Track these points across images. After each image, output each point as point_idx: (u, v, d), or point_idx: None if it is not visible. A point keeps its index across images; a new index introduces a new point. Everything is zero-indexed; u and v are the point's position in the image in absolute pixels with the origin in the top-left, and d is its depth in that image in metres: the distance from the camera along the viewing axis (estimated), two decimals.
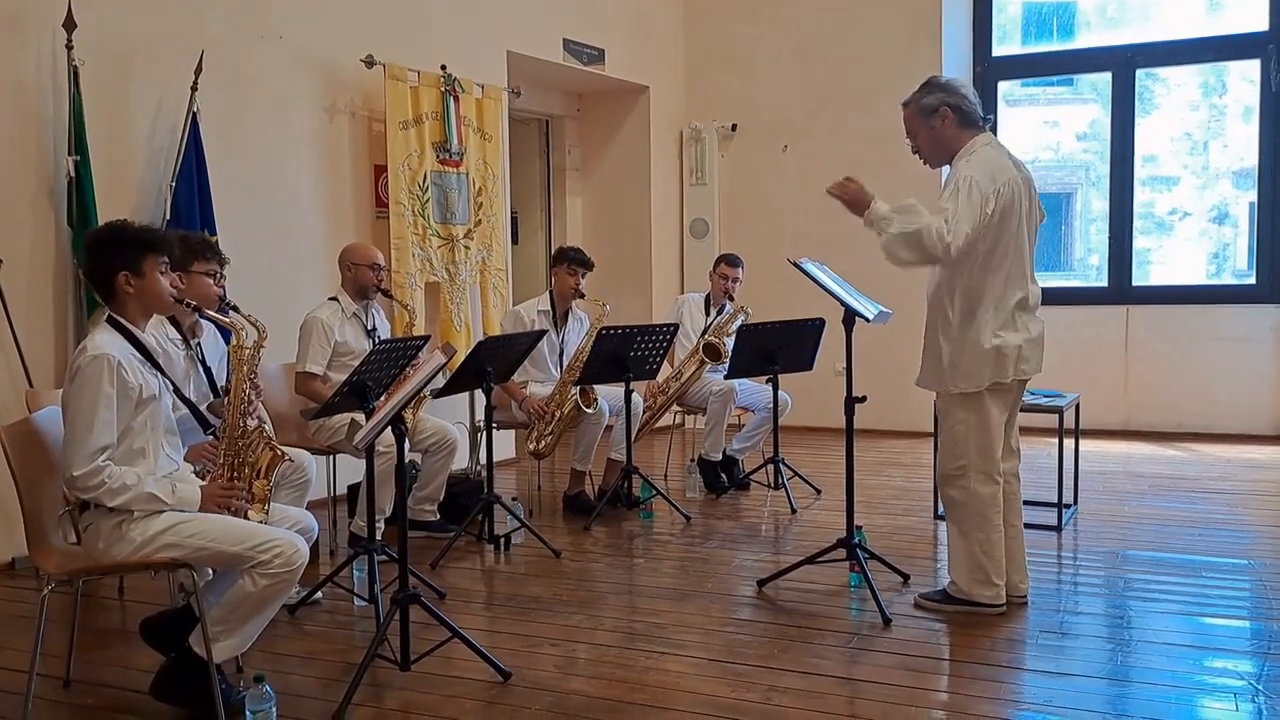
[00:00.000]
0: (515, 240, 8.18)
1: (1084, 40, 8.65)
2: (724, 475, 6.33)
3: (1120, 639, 3.82)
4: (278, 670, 3.54)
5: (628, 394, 5.62)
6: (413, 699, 3.33)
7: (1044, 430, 5.43)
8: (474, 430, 6.54)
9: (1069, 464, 5.45)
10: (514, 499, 5.38)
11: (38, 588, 3.18)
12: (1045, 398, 5.31)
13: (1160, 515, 5.63)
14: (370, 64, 6.14)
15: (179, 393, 3.36)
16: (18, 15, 4.76)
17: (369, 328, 5.12)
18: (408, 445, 4.51)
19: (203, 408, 3.59)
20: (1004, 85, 8.68)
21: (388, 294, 5.33)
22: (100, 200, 4.86)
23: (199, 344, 4.04)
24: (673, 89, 8.92)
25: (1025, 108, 9.28)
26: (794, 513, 5.76)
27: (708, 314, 6.59)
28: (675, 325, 6.03)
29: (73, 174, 4.78)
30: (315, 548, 3.98)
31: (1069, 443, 5.40)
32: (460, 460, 5.59)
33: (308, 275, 5.88)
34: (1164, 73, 8.62)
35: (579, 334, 5.96)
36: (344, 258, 5.16)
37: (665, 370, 6.15)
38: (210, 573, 3.30)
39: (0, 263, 4.69)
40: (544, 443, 5.67)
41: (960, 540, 4.02)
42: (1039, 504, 5.31)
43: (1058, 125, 9.49)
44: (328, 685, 3.43)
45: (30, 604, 4.21)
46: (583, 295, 5.93)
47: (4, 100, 4.74)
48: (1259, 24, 7.90)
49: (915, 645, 3.74)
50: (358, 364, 4.26)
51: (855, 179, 3.97)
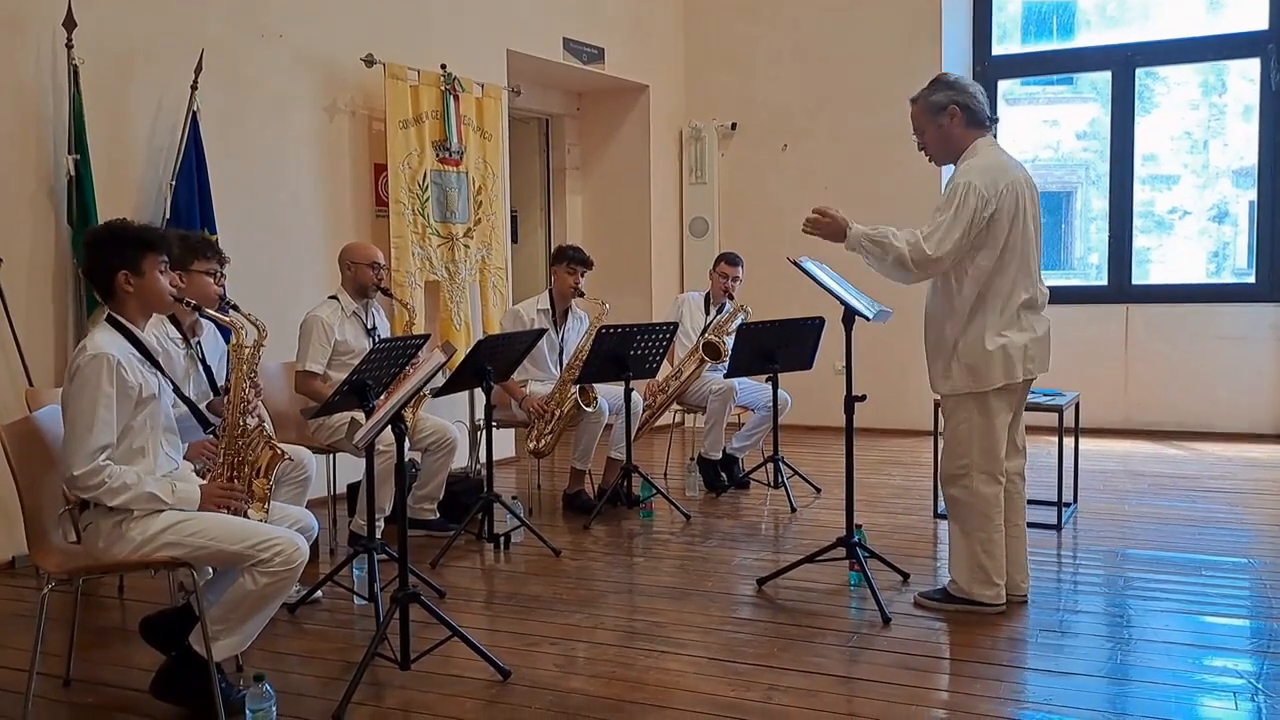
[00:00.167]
0: (515, 239, 8.18)
1: (1084, 39, 8.65)
2: (724, 474, 6.33)
3: (1120, 638, 3.82)
4: (278, 669, 3.54)
5: (627, 393, 5.62)
6: (412, 698, 3.33)
7: (1044, 429, 5.43)
8: (474, 429, 6.54)
9: (1069, 463, 5.45)
10: (514, 498, 5.37)
11: (38, 586, 3.18)
12: (1045, 396, 5.31)
13: (1160, 514, 5.63)
14: (370, 63, 6.14)
15: (178, 392, 3.37)
16: (18, 14, 4.76)
17: (369, 326, 5.12)
18: (407, 444, 4.51)
19: (202, 406, 3.59)
20: (1004, 84, 8.68)
21: (387, 293, 5.34)
22: (100, 199, 4.86)
23: (199, 343, 4.04)
24: (672, 88, 8.92)
25: (1025, 106, 9.27)
26: (794, 511, 5.76)
27: (707, 313, 6.59)
28: (675, 324, 6.04)
29: (73, 173, 4.79)
30: (315, 546, 3.98)
31: (1069, 441, 5.41)
32: (460, 459, 5.59)
33: (308, 274, 5.88)
34: (1164, 72, 8.62)
35: (578, 333, 5.96)
36: (344, 256, 5.16)
37: (665, 369, 6.15)
38: (210, 571, 3.30)
39: (0, 261, 4.70)
40: (544, 441, 5.67)
41: (962, 539, 4.02)
42: (1039, 503, 5.30)
43: (1058, 124, 9.48)
44: (327, 684, 3.43)
45: (30, 603, 4.22)
46: (582, 294, 5.93)
47: (4, 99, 4.74)
48: (1259, 23, 7.90)
49: (915, 644, 3.74)
50: (358, 363, 4.26)
51: (823, 209, 3.93)
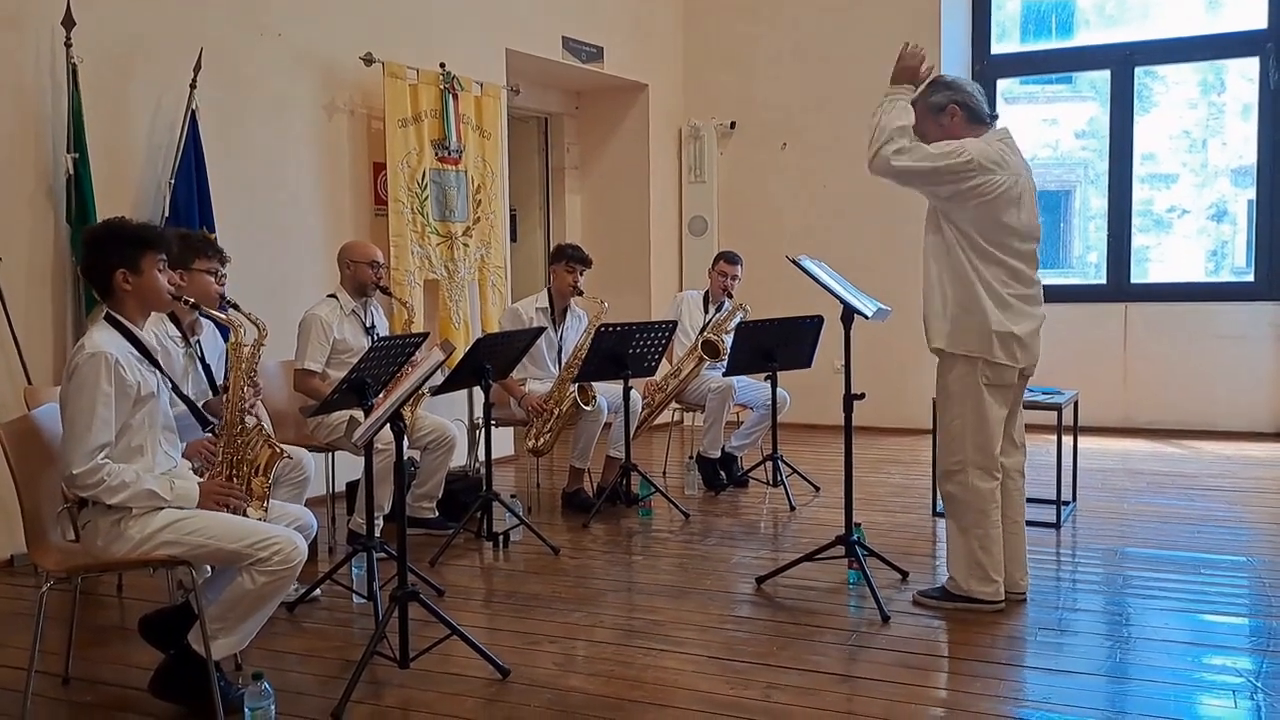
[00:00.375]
0: (514, 238, 8.18)
1: (1083, 38, 8.65)
2: (723, 472, 6.33)
3: (1119, 636, 3.82)
4: (276, 668, 3.54)
5: (626, 391, 5.62)
6: (412, 696, 3.33)
7: (1043, 427, 5.43)
8: (472, 427, 6.54)
9: (1068, 461, 5.45)
10: (513, 496, 5.37)
11: (36, 585, 3.18)
12: (1044, 395, 5.31)
13: (1159, 512, 5.64)
14: (369, 62, 6.14)
15: (177, 390, 3.36)
16: (17, 13, 4.75)
17: (368, 325, 5.12)
18: (406, 442, 4.51)
19: (202, 404, 3.59)
20: (1003, 83, 8.68)
21: (386, 291, 5.34)
22: (99, 198, 4.86)
23: (198, 341, 4.04)
24: (672, 87, 8.91)
25: (1024, 105, 9.27)
26: (793, 510, 5.76)
27: (706, 311, 6.59)
28: (674, 322, 6.04)
29: (72, 172, 4.78)
30: (314, 545, 3.98)
31: (1068, 440, 5.41)
32: (459, 457, 5.60)
33: (307, 273, 5.88)
34: (1163, 70, 8.62)
35: (577, 331, 5.96)
36: (343, 255, 5.16)
37: (664, 367, 6.15)
38: (209, 570, 3.30)
39: None
40: (543, 440, 5.67)
41: (959, 536, 4.02)
42: (1038, 501, 5.29)
43: (1057, 123, 9.49)
44: (326, 683, 3.43)
45: (29, 601, 4.21)
46: (581, 293, 5.93)
47: (3, 98, 4.74)
48: (1258, 22, 7.90)
49: (914, 642, 3.74)
50: (356, 361, 4.26)
51: (924, 61, 3.99)
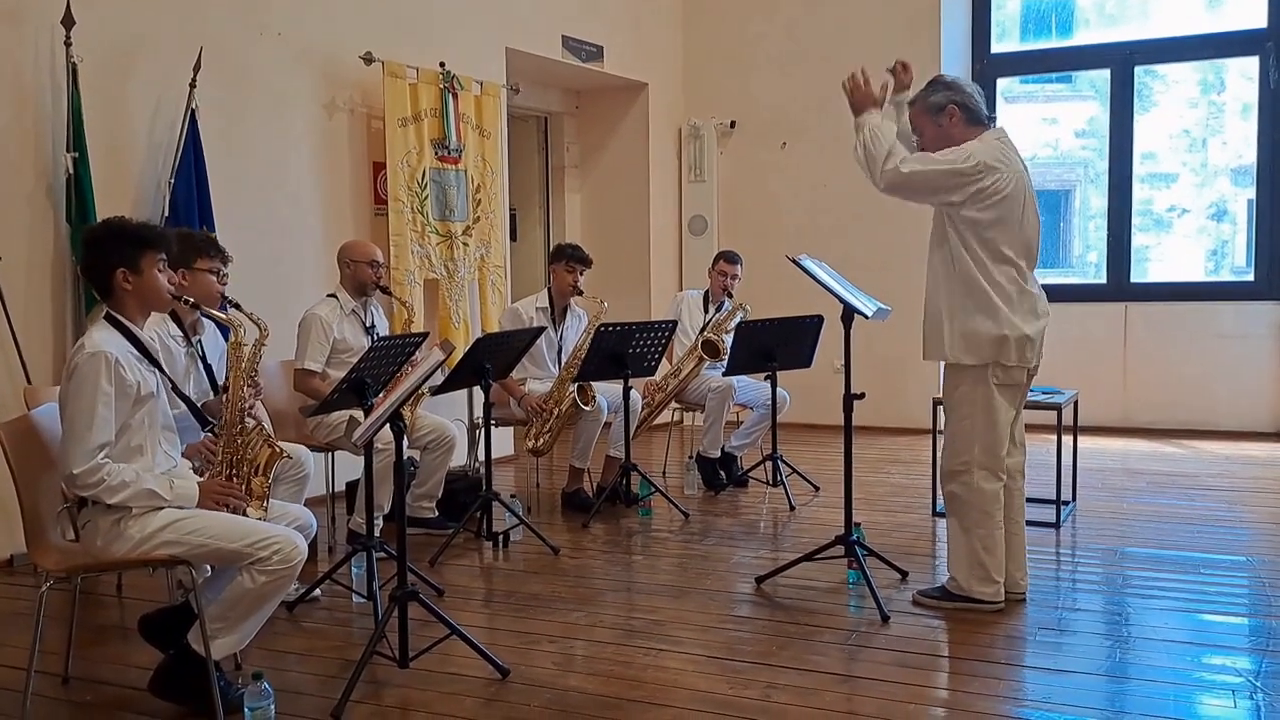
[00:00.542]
0: (514, 237, 8.17)
1: (1082, 37, 8.65)
2: (723, 472, 6.33)
3: (1119, 636, 3.83)
4: (276, 667, 3.54)
5: (626, 391, 5.62)
6: (411, 696, 3.33)
7: (1043, 427, 5.43)
8: (472, 427, 6.54)
9: (1067, 461, 5.45)
10: (512, 496, 5.37)
11: (36, 585, 3.18)
12: (1044, 394, 5.31)
13: (1159, 512, 5.64)
14: (369, 61, 6.14)
15: (177, 390, 3.36)
16: (16, 11, 4.75)
17: (367, 325, 5.12)
18: (406, 442, 4.51)
19: (201, 404, 3.59)
20: (1002, 82, 8.68)
21: (386, 291, 5.34)
22: (99, 197, 4.85)
23: (199, 341, 4.04)
24: (672, 86, 8.91)
25: (1024, 105, 9.27)
26: (792, 510, 5.76)
27: (706, 311, 6.58)
28: (674, 322, 6.04)
29: (71, 171, 4.78)
30: (314, 545, 3.98)
31: (1068, 439, 5.40)
32: (459, 457, 5.59)
33: (306, 272, 5.87)
34: (1163, 70, 8.62)
35: (577, 331, 5.96)
36: (342, 254, 5.16)
37: (664, 367, 6.15)
38: (209, 570, 3.30)
39: None
40: (542, 440, 5.67)
41: (961, 536, 4.02)
42: (1037, 501, 5.29)
43: (1056, 122, 9.49)
44: (326, 682, 3.43)
45: (29, 601, 4.21)
46: (581, 292, 5.92)
47: (2, 97, 4.73)
48: (1257, 21, 7.90)
49: (914, 642, 3.74)
50: (356, 361, 4.26)
51: (870, 85, 4.07)
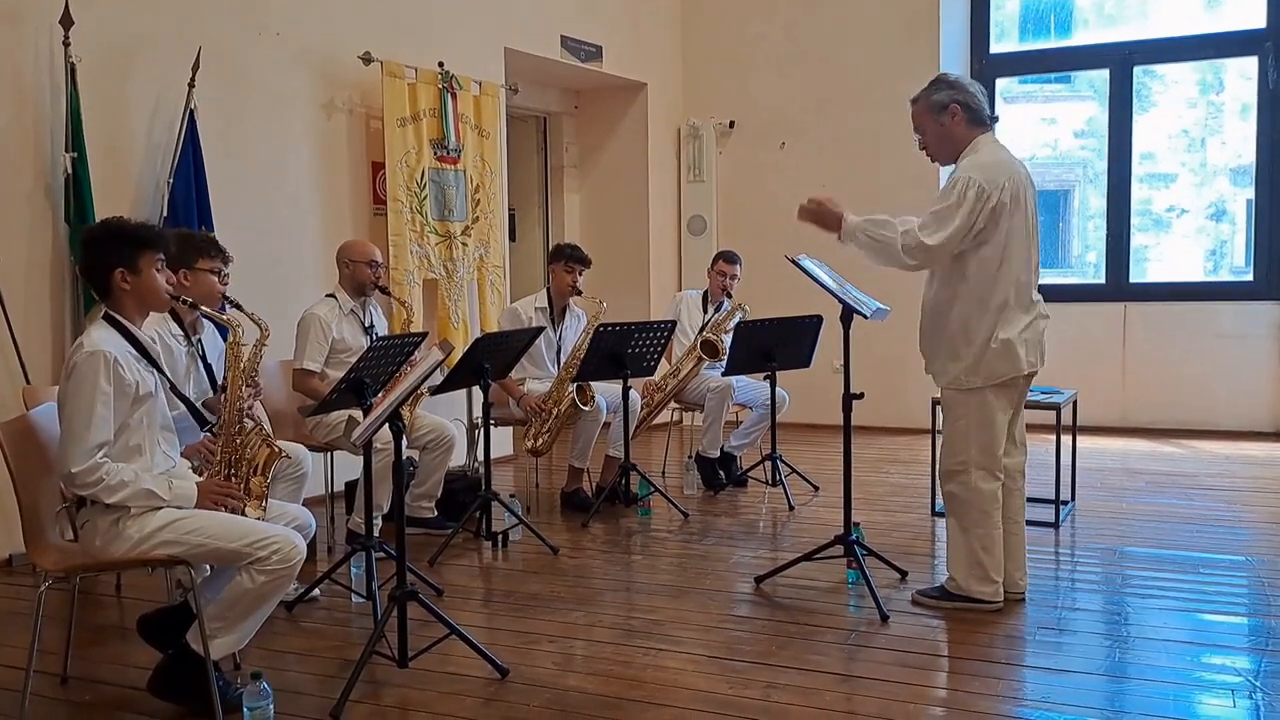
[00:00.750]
0: (513, 237, 8.17)
1: (1081, 37, 8.65)
2: (722, 472, 6.33)
3: (1118, 635, 3.83)
4: (275, 667, 3.54)
5: (625, 391, 5.61)
6: (410, 696, 3.33)
7: (1042, 427, 5.42)
8: (471, 427, 6.54)
9: (1066, 461, 5.45)
10: (512, 496, 5.37)
11: (35, 584, 3.18)
12: (1043, 394, 5.31)
13: (1158, 512, 5.64)
14: (368, 61, 6.13)
15: (175, 390, 3.36)
16: (15, 11, 4.75)
17: (366, 324, 5.12)
18: (405, 442, 4.50)
19: (200, 404, 3.59)
20: (1001, 82, 8.67)
21: (385, 291, 5.33)
22: (97, 197, 4.85)
23: (200, 340, 4.04)
24: (671, 86, 8.91)
25: (1023, 105, 9.28)
26: (792, 509, 5.76)
27: (705, 311, 6.58)
28: (673, 322, 6.04)
29: (70, 171, 4.78)
30: (313, 544, 3.98)
31: (1067, 439, 5.40)
32: (458, 457, 5.59)
33: (305, 272, 5.87)
34: (1162, 70, 8.62)
35: (576, 331, 5.96)
36: (341, 254, 5.16)
37: (663, 367, 6.15)
38: (207, 569, 3.30)
39: None
40: (541, 440, 5.67)
41: (960, 536, 4.02)
42: (1037, 500, 5.29)
43: (1055, 122, 9.50)
44: (325, 682, 3.43)
45: (28, 601, 4.20)
46: (580, 292, 5.92)
47: (1, 97, 4.73)
48: (1256, 21, 7.89)
49: (913, 642, 3.74)
50: (355, 361, 4.26)
51: (817, 197, 3.96)
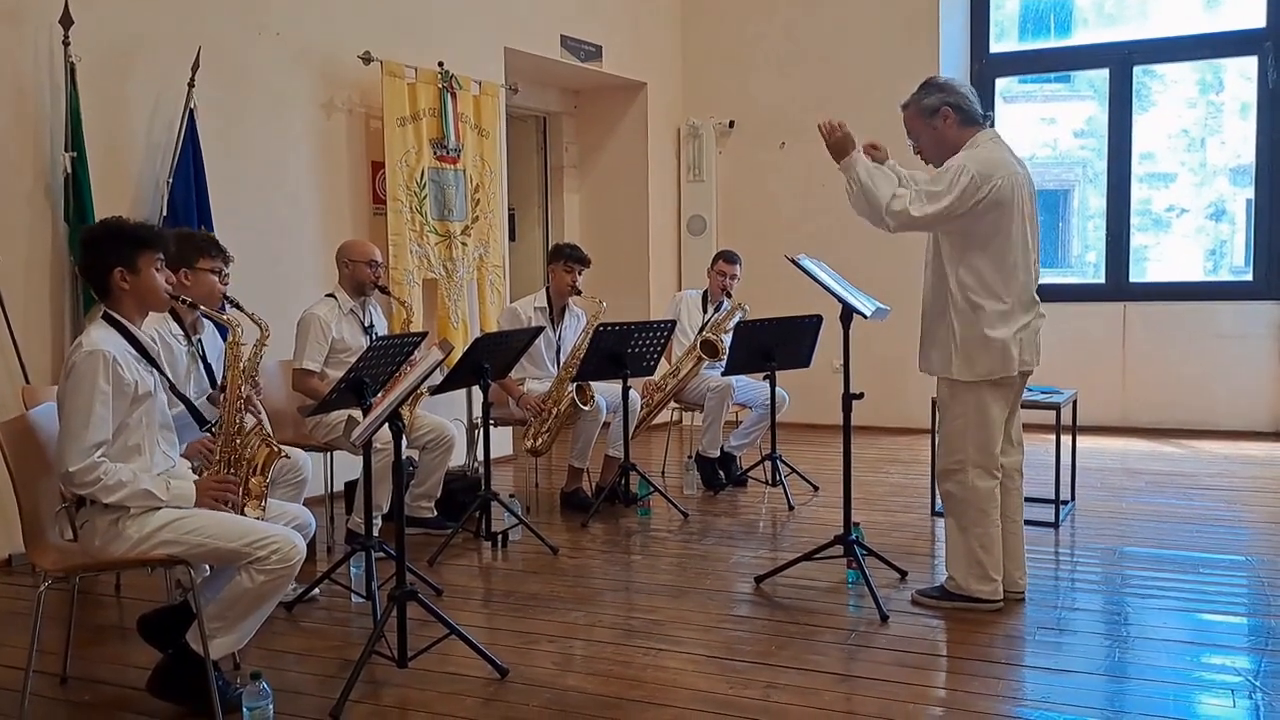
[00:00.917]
0: (512, 237, 8.17)
1: (1081, 37, 8.65)
2: (722, 472, 6.32)
3: (1118, 635, 3.83)
4: (275, 667, 3.54)
5: (625, 391, 5.61)
6: (410, 696, 3.33)
7: (1041, 426, 5.43)
8: (471, 427, 6.54)
9: (1066, 460, 5.45)
10: (511, 496, 5.37)
11: (34, 584, 3.17)
12: (1043, 394, 5.31)
13: (1158, 512, 5.64)
14: (367, 60, 6.13)
15: (175, 389, 3.36)
16: (15, 11, 4.74)
17: (366, 324, 5.12)
18: (405, 442, 4.50)
19: (204, 399, 3.59)
20: (1001, 82, 8.67)
21: (385, 290, 5.33)
22: (97, 197, 4.85)
23: (200, 340, 4.04)
24: (670, 85, 8.91)
25: (1022, 104, 9.27)
26: (791, 509, 5.76)
27: (705, 311, 6.58)
28: (673, 322, 6.04)
29: (69, 170, 4.77)
30: (312, 544, 3.98)
31: (1066, 439, 5.40)
32: (458, 457, 5.59)
33: (305, 272, 5.87)
34: (1161, 69, 8.62)
35: (575, 330, 5.95)
36: (341, 254, 5.16)
37: (663, 367, 6.15)
38: (207, 569, 3.29)
39: None
40: (541, 439, 5.67)
41: (959, 536, 4.02)
42: (1037, 500, 5.30)
43: (1055, 122, 9.49)
44: (325, 682, 3.43)
45: (27, 600, 4.20)
46: (579, 292, 5.92)
47: (1, 97, 4.73)
48: (1256, 21, 7.89)
49: (913, 641, 3.74)
50: (355, 360, 4.26)
51: (846, 126, 4.00)
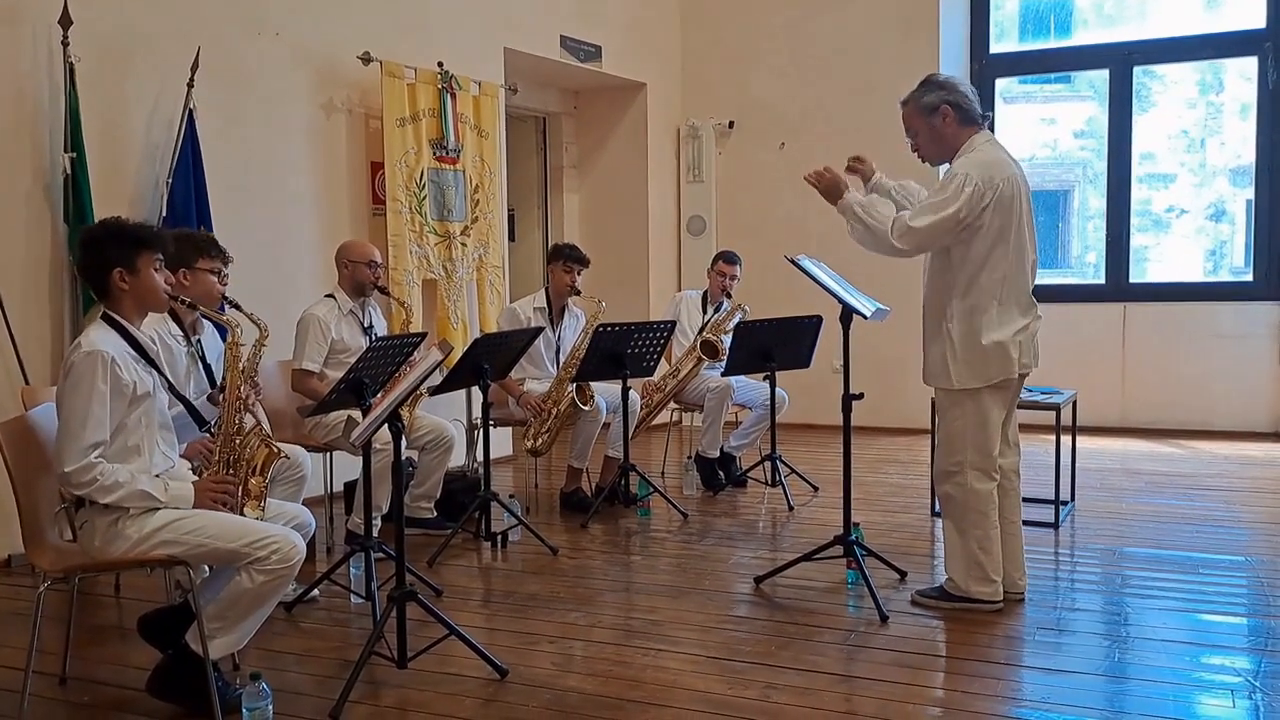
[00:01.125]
0: (512, 237, 8.17)
1: (1081, 37, 8.65)
2: (721, 472, 6.32)
3: (1118, 636, 3.82)
4: (274, 667, 3.54)
5: (625, 391, 5.61)
6: (409, 696, 3.33)
7: (1041, 427, 5.43)
8: (471, 427, 6.54)
9: (1066, 461, 5.44)
10: (511, 496, 5.36)
11: (34, 585, 3.17)
12: (1043, 394, 5.31)
13: (1157, 512, 5.63)
14: (367, 61, 6.13)
15: (174, 389, 3.35)
16: (14, 11, 4.74)
17: (366, 325, 5.11)
18: (404, 442, 4.51)
19: (203, 399, 3.59)
20: (1001, 82, 8.68)
21: (385, 291, 5.33)
22: (96, 197, 4.84)
23: (199, 341, 4.04)
24: (670, 86, 8.90)
25: (1022, 105, 9.27)
26: (791, 510, 5.76)
27: (705, 311, 6.58)
28: (672, 322, 6.04)
29: (69, 171, 4.77)
30: (312, 545, 3.98)
31: (1066, 440, 5.39)
32: (457, 457, 5.59)
33: (305, 272, 5.87)
34: (1161, 70, 8.62)
35: (574, 330, 5.95)
36: (341, 255, 5.15)
37: (662, 367, 6.14)
38: (207, 570, 3.29)
39: None
40: (541, 440, 5.67)
41: (958, 537, 4.02)
42: (1036, 501, 5.30)
43: (1055, 122, 9.49)
44: (324, 683, 3.43)
45: (27, 601, 4.20)
46: (578, 292, 5.92)
47: (0, 97, 4.73)
48: (1256, 21, 7.90)
49: (912, 642, 3.74)
50: (354, 361, 4.26)
51: (831, 169, 4.05)
